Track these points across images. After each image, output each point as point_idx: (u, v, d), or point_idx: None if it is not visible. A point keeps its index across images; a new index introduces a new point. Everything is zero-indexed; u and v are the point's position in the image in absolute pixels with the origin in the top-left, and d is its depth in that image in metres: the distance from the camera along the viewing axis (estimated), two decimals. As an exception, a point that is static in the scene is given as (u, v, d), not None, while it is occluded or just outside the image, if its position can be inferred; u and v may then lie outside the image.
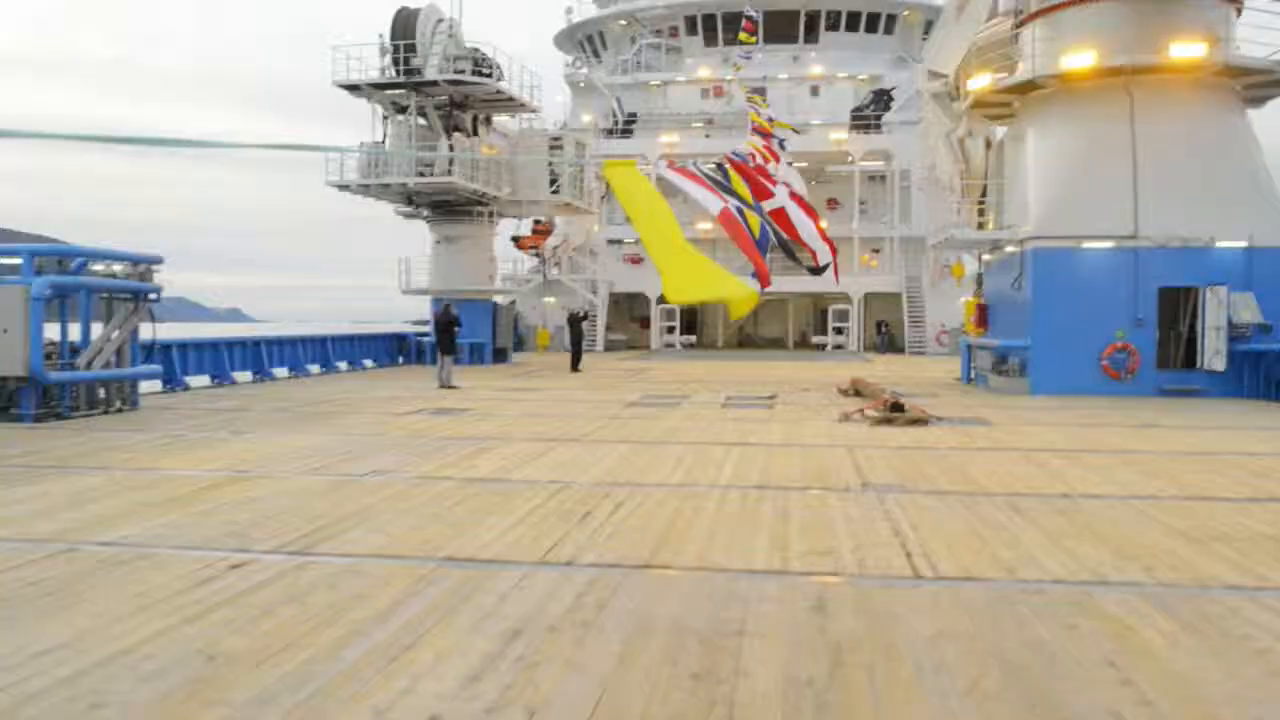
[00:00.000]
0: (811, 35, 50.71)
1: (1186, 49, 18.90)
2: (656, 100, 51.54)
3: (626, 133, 48.48)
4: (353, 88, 28.24)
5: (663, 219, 7.80)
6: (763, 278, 11.41)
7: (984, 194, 23.86)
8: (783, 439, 12.56)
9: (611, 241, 48.91)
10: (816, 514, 7.75)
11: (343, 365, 28.71)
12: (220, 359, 22.63)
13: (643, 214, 7.84)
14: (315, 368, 27.15)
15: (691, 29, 51.68)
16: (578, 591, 5.52)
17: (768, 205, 12.40)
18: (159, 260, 16.60)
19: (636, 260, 49.04)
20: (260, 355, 24.30)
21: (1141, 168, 19.55)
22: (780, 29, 50.43)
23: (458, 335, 23.07)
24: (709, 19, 51.29)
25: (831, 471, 9.88)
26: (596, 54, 55.15)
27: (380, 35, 27.90)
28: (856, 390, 19.33)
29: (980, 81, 21.46)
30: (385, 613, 5.12)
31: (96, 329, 16.05)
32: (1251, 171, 19.67)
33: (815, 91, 50.53)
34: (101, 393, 15.82)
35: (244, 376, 23.73)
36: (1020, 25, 21.07)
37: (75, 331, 15.91)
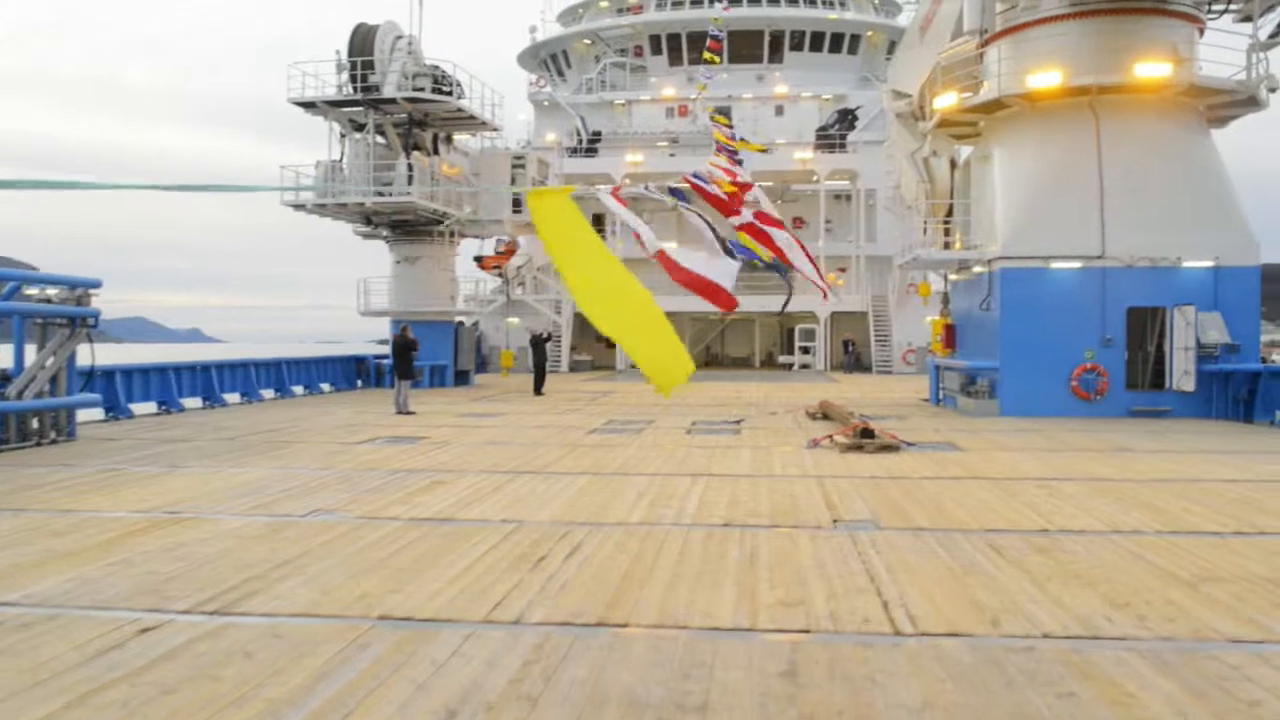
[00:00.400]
0: (776, 55, 50.77)
1: (1151, 69, 18.80)
2: (621, 119, 51.29)
3: (591, 152, 48.16)
4: (309, 105, 27.60)
5: (595, 261, 6.31)
6: (725, 303, 10.89)
7: (949, 213, 23.66)
8: (750, 469, 12.09)
9: (576, 261, 48.39)
10: (786, 557, 7.27)
11: (299, 390, 27.93)
12: (168, 385, 21.82)
13: (567, 255, 6.26)
14: (270, 393, 26.36)
15: (656, 48, 51.56)
16: (524, 658, 4.99)
17: (734, 221, 11.98)
18: (96, 284, 15.87)
19: (602, 280, 48.64)
20: (211, 380, 23.51)
21: (1108, 187, 19.41)
22: (745, 49, 50.45)
23: (416, 359, 22.49)
24: (673, 38, 51.20)
25: (801, 506, 9.41)
26: (561, 73, 54.87)
27: (337, 52, 27.33)
28: (825, 413, 18.95)
29: (946, 100, 21.27)
30: (305, 689, 4.56)
31: (32, 355, 15.28)
32: (1217, 191, 19.59)
33: (780, 111, 50.50)
34: (35, 423, 15.05)
35: (194, 403, 22.93)
36: (985, 44, 20.92)
37: (6, 357, 15.15)
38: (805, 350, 44.03)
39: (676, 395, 26.70)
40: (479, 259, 45.73)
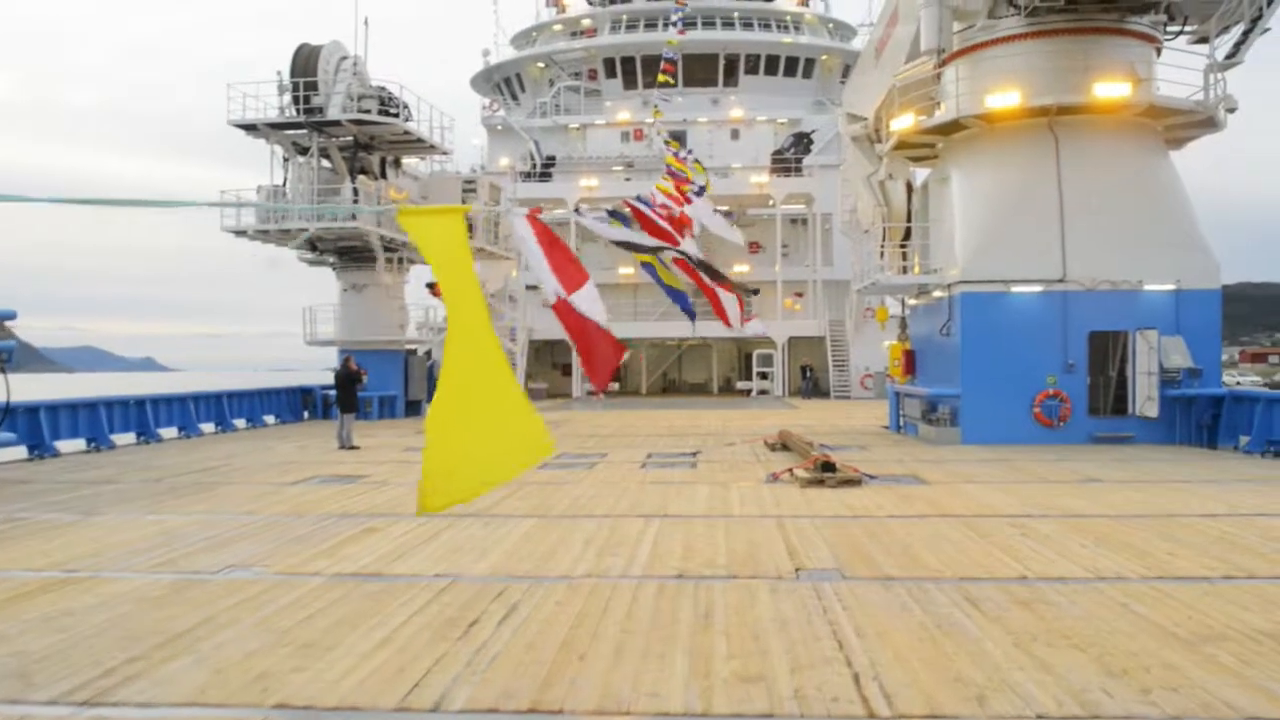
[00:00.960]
0: (731, 79, 50.62)
1: (1111, 88, 18.56)
2: (576, 143, 50.78)
3: (545, 176, 47.55)
4: (250, 128, 26.68)
5: (466, 308, 5.07)
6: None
7: (906, 237, 23.32)
8: (706, 508, 11.40)
9: (530, 287, 47.70)
10: (744, 616, 6.57)
11: (241, 423, 26.82)
12: (97, 420, 20.69)
13: (454, 292, 5.05)
14: (210, 427, 25.25)
15: (610, 72, 51.21)
16: (437, 763, 4.24)
17: (670, 254, 11.35)
18: (11, 315, 14.85)
19: (558, 306, 47.93)
20: (146, 415, 22.38)
21: (1068, 209, 19.11)
22: (699, 72, 50.27)
23: (362, 390, 21.61)
24: (628, 62, 50.88)
25: (761, 552, 8.73)
26: (514, 96, 54.27)
27: (279, 73, 26.49)
28: (784, 444, 18.33)
29: (903, 121, 20.91)
30: (165, 814, 3.77)
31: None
32: (1177, 213, 19.36)
33: (735, 135, 50.29)
34: (-60, 466, 13.97)
35: (128, 439, 21.81)
36: (943, 65, 20.61)
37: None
38: (763, 376, 43.56)
39: (633, 425, 26.01)
40: (431, 286, 44.84)
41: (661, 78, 46.76)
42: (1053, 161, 19.33)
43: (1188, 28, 20.74)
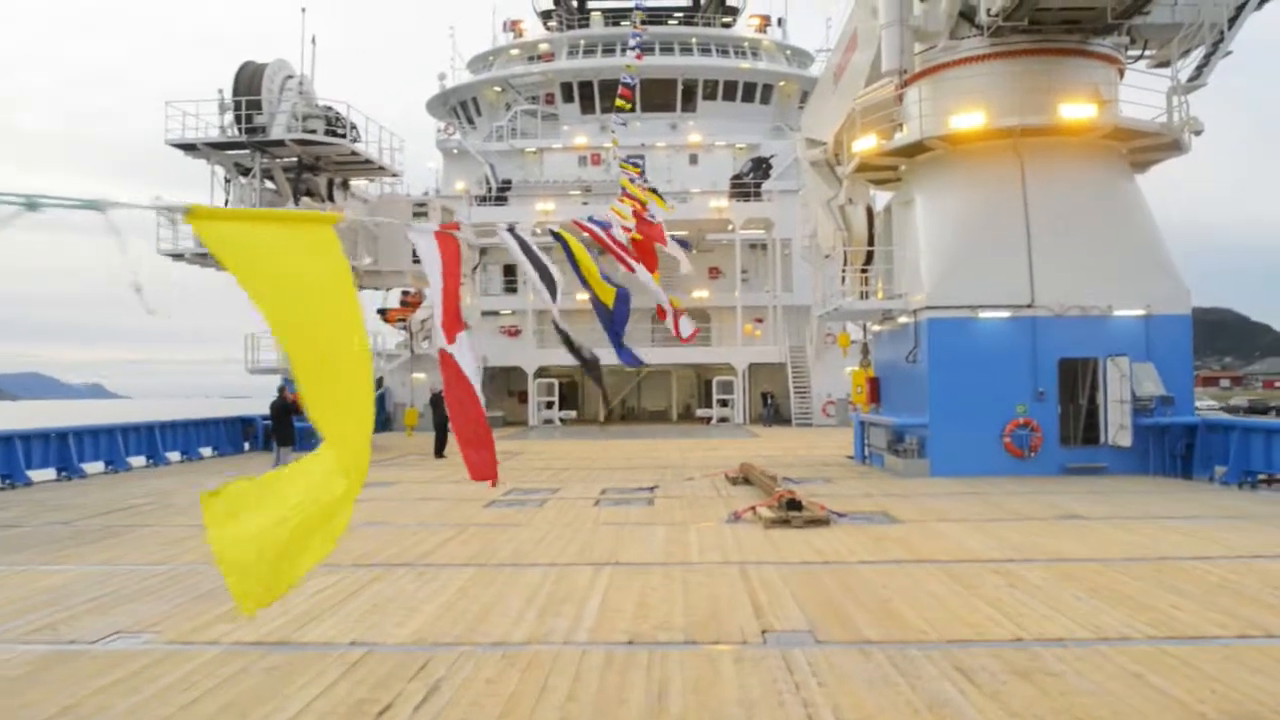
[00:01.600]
0: (689, 104, 50.23)
1: (1077, 109, 18.07)
2: (533, 168, 50.01)
3: (501, 200, 46.64)
4: (189, 147, 25.53)
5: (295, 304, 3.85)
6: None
7: (867, 261, 22.71)
8: (663, 554, 10.46)
9: (486, 313, 46.73)
10: (705, 697, 5.63)
11: (174, 456, 25.44)
12: (13, 455, 19.32)
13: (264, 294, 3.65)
14: (140, 459, 23.87)
15: (568, 96, 50.59)
16: None
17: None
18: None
19: (514, 332, 46.98)
20: (68, 448, 21.00)
21: (1035, 232, 18.54)
22: (657, 97, 49.81)
23: (298, 420, 20.42)
24: (585, 86, 50.30)
25: (723, 610, 7.80)
26: (471, 120, 53.42)
27: (220, 91, 25.38)
28: (746, 477, 17.46)
29: (865, 143, 20.30)
30: None
31: None
32: (1146, 236, 18.87)
33: (694, 160, 49.82)
34: None
35: (48, 475, 20.42)
36: (905, 85, 20.04)
37: None
38: (723, 403, 42.75)
39: (589, 456, 25.02)
40: (382, 312, 43.66)
41: (619, 103, 46.14)
42: (1018, 184, 18.79)
43: (1146, 53, 20.43)
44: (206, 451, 26.92)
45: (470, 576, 9.26)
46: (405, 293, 46.21)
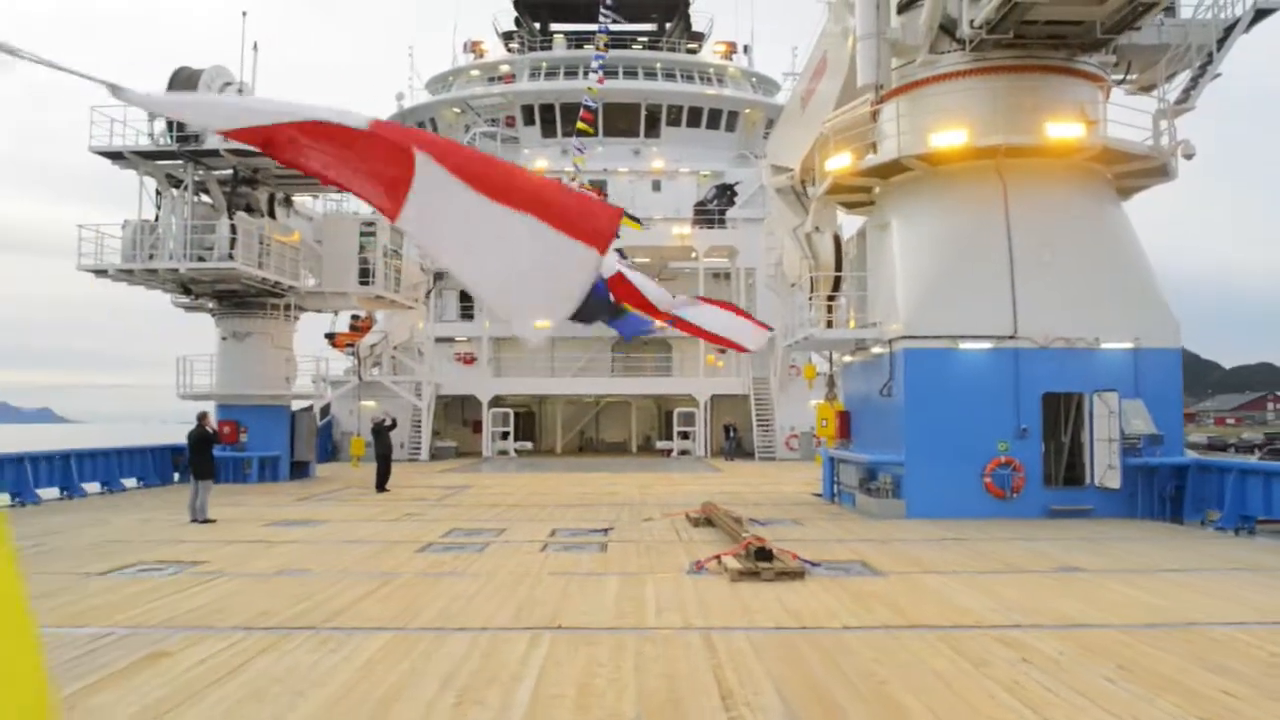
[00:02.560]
0: (652, 130, 49.26)
1: (1064, 129, 17.05)
2: (491, 190, 48.55)
3: (457, 222, 45.11)
4: (116, 156, 23.83)
5: None
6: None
7: (835, 288, 21.58)
8: (614, 615, 8.99)
9: (440, 340, 45.11)
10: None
11: (93, 488, 23.52)
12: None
13: None
14: (52, 491, 21.96)
15: (529, 119, 49.41)
16: None
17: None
18: None
19: (469, 360, 45.37)
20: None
21: (1018, 259, 17.45)
22: (621, 122, 48.84)
23: (242, 450, 18.81)
24: (547, 109, 49.17)
25: (684, 695, 6.36)
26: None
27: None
28: (708, 518, 16.04)
29: (839, 161, 19.14)
30: None
31: None
32: (1134, 266, 17.86)
33: (657, 186, 48.76)
34: None
35: (-57, 507, 18.51)
36: (881, 101, 18.96)
37: None
38: (685, 435, 41.40)
39: (542, 490, 23.51)
40: (330, 336, 41.86)
41: (581, 125, 45.08)
42: (1000, 208, 17.71)
43: (1129, 77, 19.59)
44: (130, 483, 25.00)
45: (383, 645, 7.73)
46: (355, 316, 44.40)
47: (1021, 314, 17.33)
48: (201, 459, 16.96)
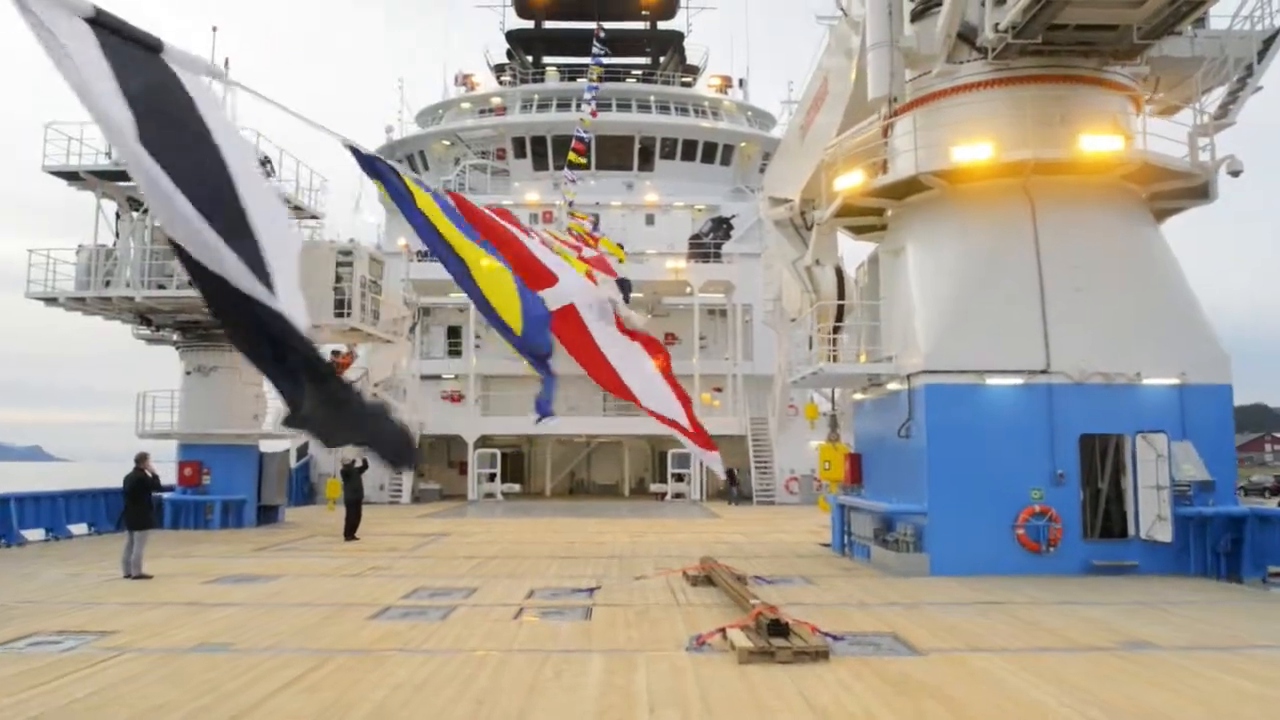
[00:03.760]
0: (646, 163, 48.01)
1: (1100, 141, 15.45)
2: (480, 224, 47.10)
3: (444, 256, 43.48)
4: (71, 176, 22.19)
5: None
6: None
7: (838, 321, 19.94)
8: (596, 711, 7.15)
9: (427, 377, 43.34)
10: None
11: (36, 534, 21.58)
12: None
13: None
14: (-6, 539, 20.05)
15: (520, 152, 48.09)
16: None
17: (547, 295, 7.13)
18: None
19: (456, 398, 43.55)
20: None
21: (1050, 287, 15.77)
22: (614, 156, 47.60)
23: (199, 493, 16.95)
24: (538, 142, 47.86)
25: None
26: (418, 174, 50.55)
27: (107, 113, 22.12)
28: (708, 576, 14.18)
29: (850, 179, 17.51)
30: None
31: None
32: (1177, 293, 16.20)
33: (650, 220, 47.37)
34: None
35: None
36: (895, 115, 17.40)
37: None
38: (679, 478, 39.47)
39: (525, 539, 21.62)
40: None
41: (573, 156, 43.76)
42: (1028, 230, 16.08)
43: (1156, 96, 18.15)
44: (79, 529, 23.05)
45: (289, 764, 5.88)
46: (335, 352, 42.67)
47: (1054, 347, 15.62)
48: (138, 507, 15.04)
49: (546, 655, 9.13)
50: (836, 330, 19.58)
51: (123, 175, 22.27)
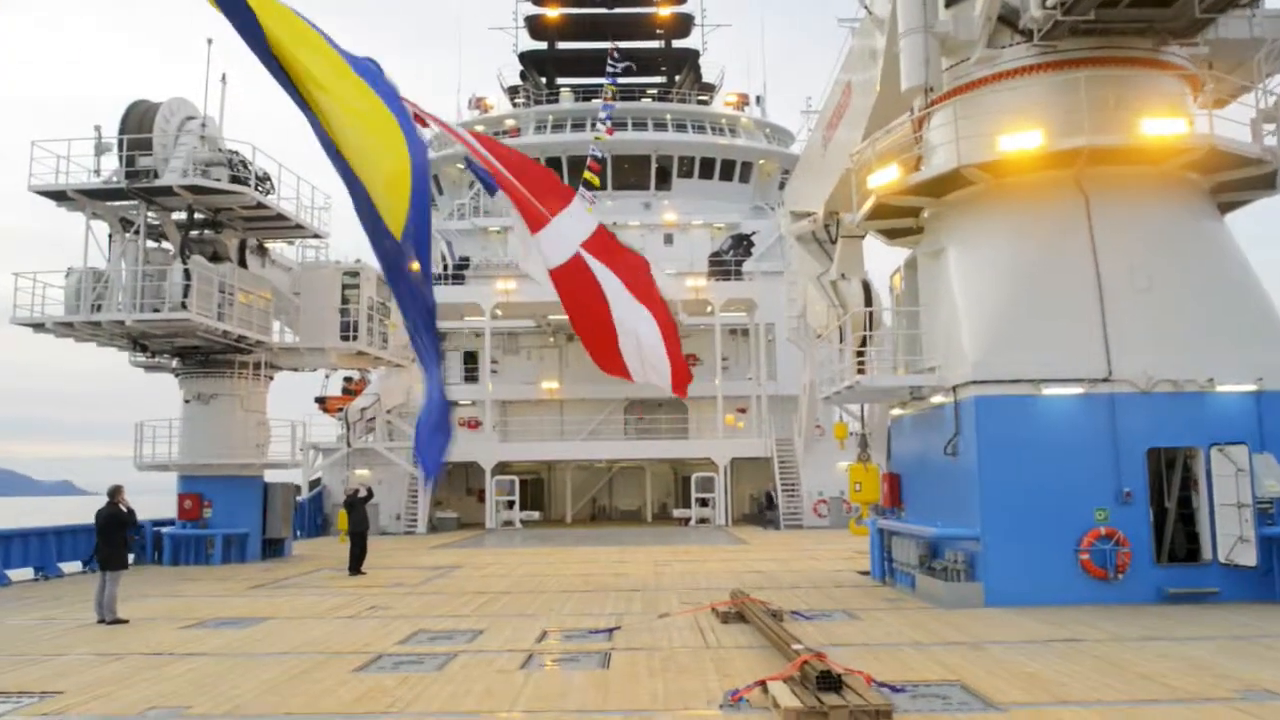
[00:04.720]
0: (664, 182, 46.95)
1: (1163, 124, 14.05)
2: (497, 246, 46.30)
3: (458, 279, 42.40)
4: (59, 196, 21.13)
5: None
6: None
7: (866, 334, 18.69)
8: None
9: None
10: None
11: (23, 574, 20.40)
12: None
13: None
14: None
15: (534, 173, 46.95)
16: None
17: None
18: None
19: (474, 425, 42.26)
20: None
21: (1109, 287, 14.32)
22: (631, 176, 46.64)
23: (192, 526, 15.70)
24: (553, 163, 46.77)
25: None
26: (431, 198, 49.62)
27: (97, 128, 21.08)
28: (740, 612, 12.74)
29: (886, 175, 16.13)
30: None
31: None
32: (1249, 292, 14.72)
33: (669, 240, 46.27)
34: None
35: None
36: (930, 106, 16.06)
37: None
38: (703, 503, 37.93)
39: (541, 572, 20.22)
40: (321, 400, 38.96)
41: (588, 175, 42.82)
42: (1083, 226, 14.65)
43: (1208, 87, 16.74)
44: (70, 567, 21.83)
45: None
46: (348, 379, 41.64)
47: (1115, 352, 14.15)
48: (111, 545, 13.77)
49: (558, 716, 7.72)
50: (864, 347, 18.32)
51: (114, 194, 21.22)
